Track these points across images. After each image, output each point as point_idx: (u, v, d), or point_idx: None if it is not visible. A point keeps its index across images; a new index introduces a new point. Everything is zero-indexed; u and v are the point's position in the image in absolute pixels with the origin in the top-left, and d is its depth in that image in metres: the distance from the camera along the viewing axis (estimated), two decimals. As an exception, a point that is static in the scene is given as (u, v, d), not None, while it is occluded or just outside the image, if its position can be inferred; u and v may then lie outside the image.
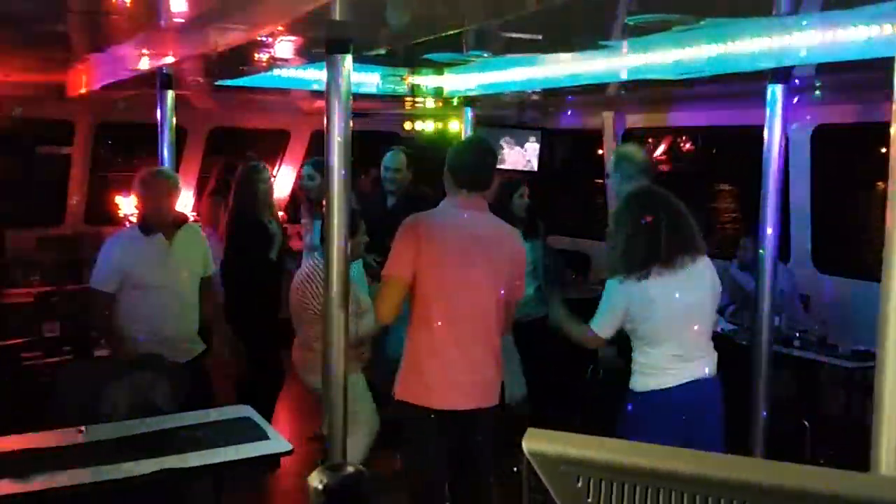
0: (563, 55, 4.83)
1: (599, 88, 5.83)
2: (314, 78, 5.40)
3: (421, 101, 6.84)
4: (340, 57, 3.05)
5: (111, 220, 7.58)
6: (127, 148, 8.92)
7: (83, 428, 3.55)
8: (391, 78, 5.76)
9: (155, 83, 4.91)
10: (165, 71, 4.77)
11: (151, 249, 4.28)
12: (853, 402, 5.65)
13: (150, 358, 4.11)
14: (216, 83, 5.63)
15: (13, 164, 7.53)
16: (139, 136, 6.66)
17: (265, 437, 3.63)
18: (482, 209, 3.60)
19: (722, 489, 0.98)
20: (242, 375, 5.43)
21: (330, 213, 3.11)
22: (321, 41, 3.09)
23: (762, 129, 4.13)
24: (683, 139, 10.05)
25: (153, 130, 4.98)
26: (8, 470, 3.11)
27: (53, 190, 8.07)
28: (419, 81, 5.90)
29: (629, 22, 3.46)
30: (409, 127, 8.87)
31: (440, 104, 7.17)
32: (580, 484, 1.03)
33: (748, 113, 4.74)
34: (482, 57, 4.97)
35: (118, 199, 7.82)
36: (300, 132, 8.75)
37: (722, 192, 11.12)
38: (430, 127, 8.86)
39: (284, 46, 3.76)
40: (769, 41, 3.71)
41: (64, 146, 7.96)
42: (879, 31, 3.22)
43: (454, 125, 8.43)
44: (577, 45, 4.45)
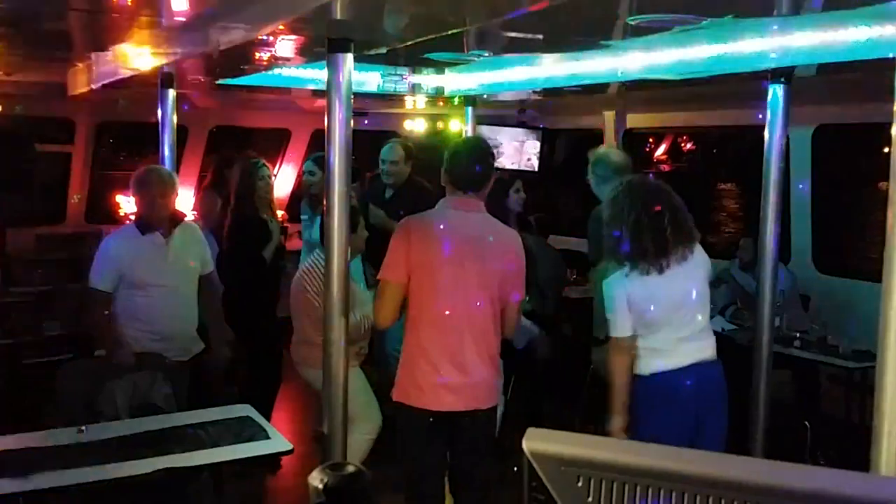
0: (564, 55, 4.83)
1: (600, 88, 5.82)
2: (315, 77, 5.40)
3: (422, 100, 6.85)
4: (341, 56, 3.04)
5: (112, 218, 7.59)
6: (128, 147, 8.92)
7: (83, 427, 3.55)
8: (392, 77, 5.75)
9: (156, 82, 4.91)
10: (166, 70, 4.77)
11: (148, 248, 4.28)
12: (853, 402, 5.65)
13: (150, 357, 4.12)
14: (217, 82, 5.63)
15: (14, 162, 7.52)
16: (140, 134, 6.66)
17: (266, 436, 3.63)
18: (477, 210, 3.58)
19: (722, 489, 0.98)
20: (240, 374, 5.42)
21: (330, 211, 3.11)
22: (322, 40, 3.09)
23: (763, 128, 4.13)
24: (684, 139, 10.04)
25: (154, 129, 4.98)
26: (8, 469, 3.12)
27: (54, 189, 8.08)
28: (420, 81, 5.89)
29: (630, 22, 3.46)
30: (409, 126, 8.87)
31: (441, 103, 7.17)
32: (580, 484, 1.03)
33: (749, 113, 4.74)
34: (483, 56, 4.96)
35: (119, 198, 7.83)
36: (301, 131, 8.75)
37: (723, 191, 11.10)
38: (430, 126, 8.86)
39: (285, 45, 3.76)
40: (770, 41, 3.71)
41: (65, 145, 7.97)
42: (881, 31, 3.22)
43: (455, 124, 8.43)
44: (578, 44, 4.44)
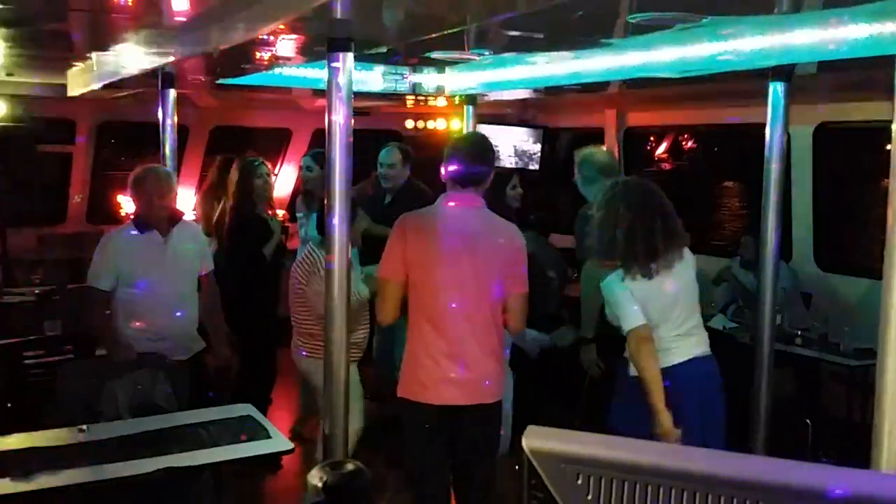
0: (564, 53, 4.82)
1: (601, 86, 5.82)
2: (316, 76, 5.39)
3: (422, 99, 6.84)
4: (342, 55, 3.04)
5: (113, 219, 7.59)
6: (129, 147, 8.91)
7: (84, 427, 3.56)
8: (392, 76, 5.75)
9: (156, 82, 4.91)
10: (167, 69, 4.77)
11: (147, 246, 4.28)
12: (855, 400, 5.64)
13: (150, 356, 4.12)
14: (218, 82, 5.62)
15: (15, 162, 7.53)
16: (141, 134, 6.65)
17: (266, 435, 3.63)
18: (475, 205, 3.58)
19: (722, 486, 0.98)
20: (237, 373, 5.42)
21: (331, 211, 3.10)
22: (322, 39, 3.08)
23: (764, 126, 4.13)
24: (685, 137, 10.03)
25: (155, 129, 4.98)
26: (9, 469, 3.12)
27: (55, 189, 8.08)
28: (420, 80, 5.88)
29: (631, 20, 3.45)
30: (410, 125, 8.87)
31: (442, 102, 7.17)
32: (580, 481, 1.03)
33: (750, 111, 4.73)
34: (484, 55, 4.95)
35: (120, 198, 7.84)
36: (302, 130, 8.76)
37: (724, 189, 11.08)
38: (431, 125, 8.86)
39: (286, 45, 3.75)
40: (771, 39, 3.70)
41: (66, 145, 7.97)
42: (881, 28, 3.21)
43: (456, 123, 8.43)
44: (578, 43, 4.44)
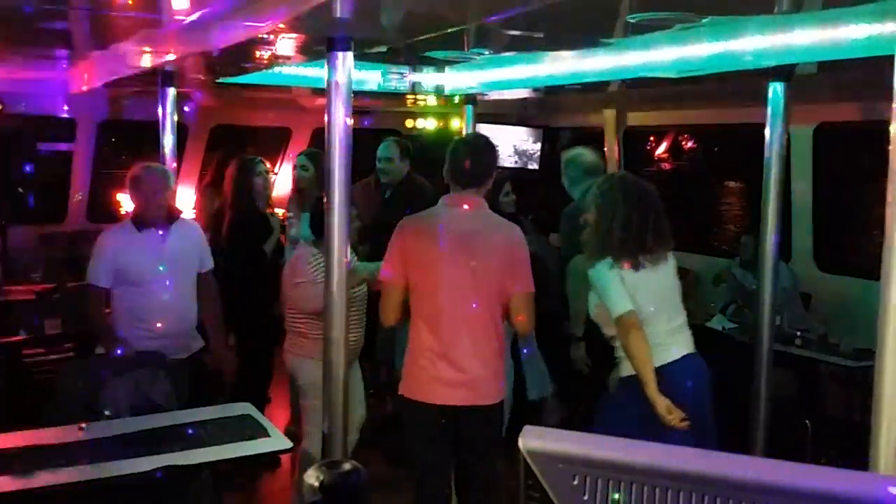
0: (564, 53, 4.82)
1: (601, 86, 5.82)
2: (316, 75, 5.39)
3: (422, 98, 6.84)
4: (341, 54, 3.04)
5: (114, 217, 7.57)
6: (129, 145, 8.90)
7: (84, 425, 3.56)
8: (392, 75, 5.75)
9: (156, 80, 4.91)
10: (167, 68, 4.77)
11: (144, 244, 4.28)
12: (854, 400, 5.64)
13: (150, 355, 4.12)
14: (218, 80, 5.63)
15: (15, 160, 7.53)
16: (141, 133, 6.66)
17: (266, 434, 3.63)
18: (474, 206, 3.59)
19: (721, 487, 0.98)
20: (236, 371, 5.42)
21: (331, 211, 3.10)
22: (322, 38, 3.09)
23: (763, 126, 4.13)
24: (685, 137, 10.03)
25: (155, 127, 4.98)
26: (9, 467, 3.12)
27: (56, 187, 8.07)
28: (420, 79, 5.89)
29: (631, 20, 3.45)
30: (410, 125, 8.87)
31: (442, 102, 7.17)
32: (576, 481, 1.03)
33: (750, 111, 4.73)
34: (483, 54, 4.95)
35: (120, 196, 7.82)
36: (301, 129, 8.75)
37: (723, 189, 11.08)
38: (431, 125, 8.86)
39: (285, 44, 3.75)
40: (770, 39, 3.71)
41: (66, 143, 7.96)
42: (881, 28, 3.22)
43: (456, 123, 8.43)
44: (578, 42, 4.44)
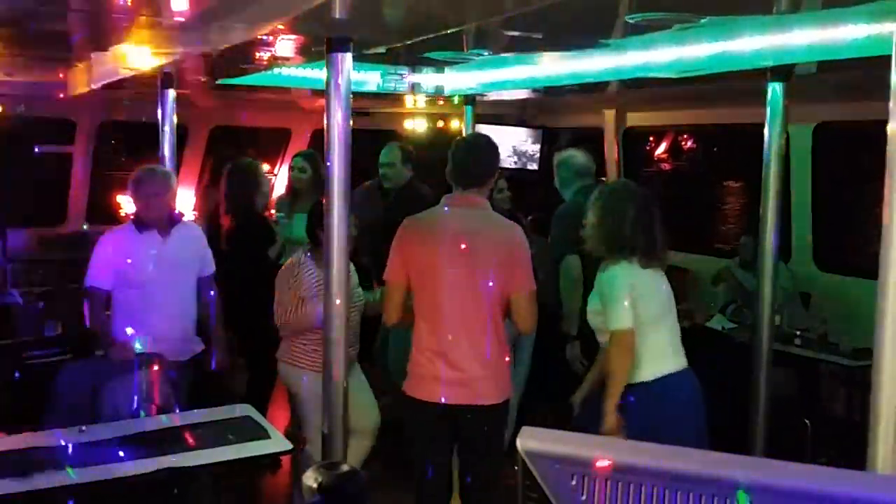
0: (563, 53, 4.83)
1: (600, 87, 5.82)
2: (315, 76, 5.40)
3: (422, 99, 6.84)
4: (340, 55, 3.04)
5: (113, 219, 7.57)
6: (129, 147, 8.92)
7: (83, 427, 3.56)
8: (391, 76, 5.75)
9: (156, 82, 4.91)
10: (166, 70, 4.78)
11: (145, 247, 4.28)
12: (854, 400, 5.64)
13: (149, 357, 4.12)
14: (217, 82, 5.63)
15: (14, 163, 7.53)
16: (141, 134, 6.66)
17: (266, 436, 3.63)
18: (474, 205, 3.60)
19: (716, 487, 0.98)
20: (238, 374, 5.41)
21: (330, 212, 3.10)
22: (321, 39, 3.09)
23: (763, 126, 4.13)
24: (684, 137, 10.04)
25: (155, 129, 4.98)
26: (8, 469, 3.12)
27: (55, 189, 8.08)
28: (420, 80, 5.89)
29: (629, 20, 3.46)
30: (409, 125, 8.86)
31: (441, 103, 7.17)
32: (574, 482, 1.03)
33: (749, 111, 4.73)
34: (483, 55, 4.96)
35: (120, 198, 7.82)
36: (301, 131, 8.74)
37: (723, 189, 11.09)
38: (430, 125, 8.85)
39: (285, 45, 3.75)
40: (769, 39, 3.71)
41: (65, 145, 7.97)
42: (879, 28, 3.22)
43: (455, 124, 8.42)
44: (577, 43, 4.44)
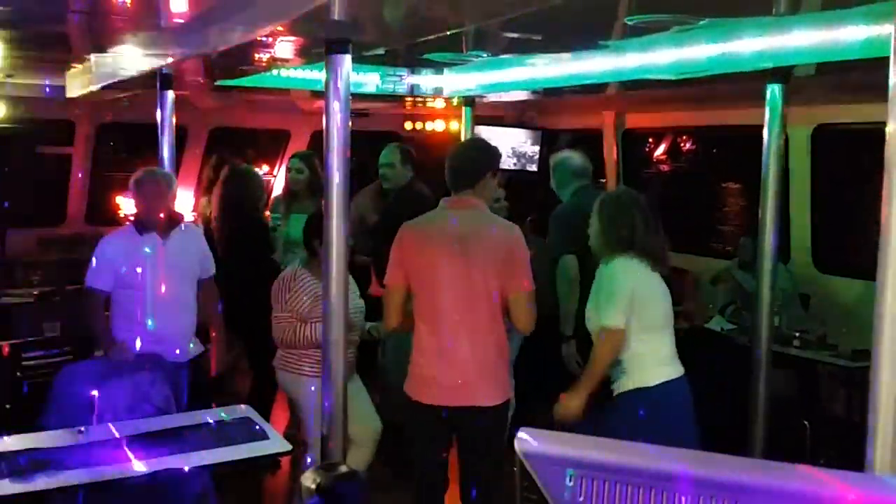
0: (563, 55, 4.83)
1: (599, 88, 5.83)
2: (314, 77, 5.40)
3: (421, 100, 6.84)
4: (340, 57, 3.04)
5: (112, 220, 7.58)
6: (128, 148, 8.91)
7: (83, 428, 3.55)
8: (391, 78, 5.76)
9: (155, 83, 4.92)
10: (165, 71, 4.77)
11: (145, 248, 4.28)
12: (853, 401, 5.64)
13: (149, 358, 4.12)
14: (216, 83, 5.63)
15: (14, 164, 7.54)
16: (140, 136, 6.66)
17: (265, 437, 3.63)
18: (470, 206, 3.60)
19: (718, 489, 0.98)
20: (239, 375, 5.42)
21: (329, 213, 3.10)
22: (320, 41, 3.09)
23: (762, 128, 4.13)
24: (683, 139, 10.03)
25: (154, 130, 4.98)
26: (8, 470, 3.12)
27: (54, 190, 8.08)
28: (419, 81, 5.89)
29: (629, 22, 3.47)
30: (409, 127, 8.87)
31: (440, 104, 7.18)
32: (572, 483, 1.04)
33: (748, 112, 4.73)
34: (482, 57, 4.97)
35: (119, 199, 7.83)
36: (300, 132, 8.75)
37: (722, 191, 11.09)
38: (430, 127, 8.86)
39: (284, 46, 3.76)
40: (768, 40, 3.72)
41: (65, 146, 7.97)
42: (879, 29, 3.22)
43: (454, 125, 8.42)
44: (577, 44, 4.45)
